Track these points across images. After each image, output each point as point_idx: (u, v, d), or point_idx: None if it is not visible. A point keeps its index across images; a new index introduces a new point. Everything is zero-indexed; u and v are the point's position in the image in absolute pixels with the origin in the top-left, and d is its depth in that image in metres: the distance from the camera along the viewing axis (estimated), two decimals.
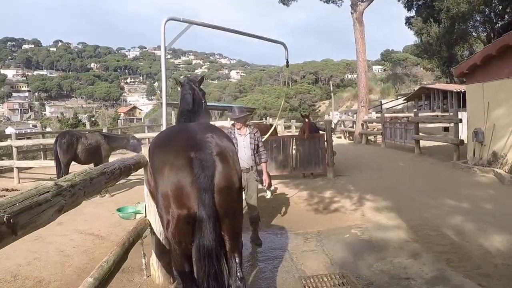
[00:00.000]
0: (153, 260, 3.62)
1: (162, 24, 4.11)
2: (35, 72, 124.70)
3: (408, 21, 25.05)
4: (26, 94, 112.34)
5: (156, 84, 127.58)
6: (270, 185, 6.94)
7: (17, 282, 3.91)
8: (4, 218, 1.32)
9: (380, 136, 15.01)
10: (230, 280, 2.34)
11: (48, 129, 33.48)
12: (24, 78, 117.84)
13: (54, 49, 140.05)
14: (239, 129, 4.58)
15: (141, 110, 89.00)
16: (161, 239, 3.48)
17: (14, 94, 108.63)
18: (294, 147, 9.06)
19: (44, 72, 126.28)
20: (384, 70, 56.97)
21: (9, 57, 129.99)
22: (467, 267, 3.52)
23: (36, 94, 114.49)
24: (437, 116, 15.16)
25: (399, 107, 31.42)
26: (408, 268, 3.72)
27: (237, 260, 2.50)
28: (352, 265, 4.01)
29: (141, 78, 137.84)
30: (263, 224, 5.96)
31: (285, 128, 25.79)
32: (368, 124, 17.15)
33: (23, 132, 24.49)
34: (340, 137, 21.02)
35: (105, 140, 8.17)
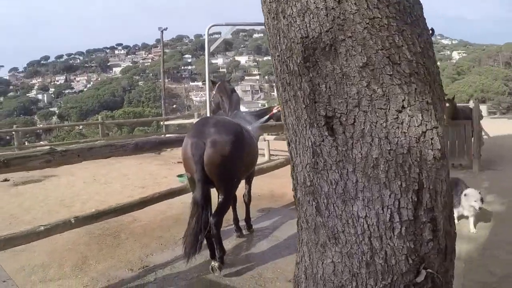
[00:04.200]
0: None
1: (206, 30, 4.89)
2: (265, 58, 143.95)
3: None
4: (257, 77, 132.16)
5: None
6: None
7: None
8: (1, 160, 2.71)
9: None
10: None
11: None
12: (255, 63, 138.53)
13: None
14: None
15: None
16: None
17: (246, 78, 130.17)
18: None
19: None
20: None
21: (242, 46, 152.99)
22: None
23: (266, 77, 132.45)
24: None
25: None
26: None
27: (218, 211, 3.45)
28: None
29: None
30: None
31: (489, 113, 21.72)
32: None
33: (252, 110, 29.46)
34: None
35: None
